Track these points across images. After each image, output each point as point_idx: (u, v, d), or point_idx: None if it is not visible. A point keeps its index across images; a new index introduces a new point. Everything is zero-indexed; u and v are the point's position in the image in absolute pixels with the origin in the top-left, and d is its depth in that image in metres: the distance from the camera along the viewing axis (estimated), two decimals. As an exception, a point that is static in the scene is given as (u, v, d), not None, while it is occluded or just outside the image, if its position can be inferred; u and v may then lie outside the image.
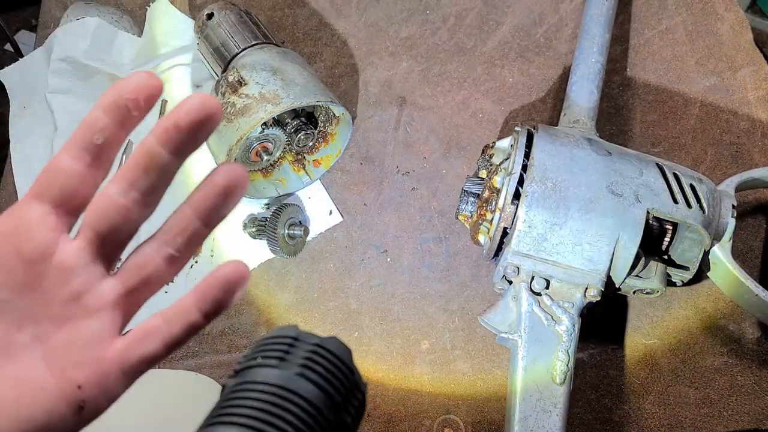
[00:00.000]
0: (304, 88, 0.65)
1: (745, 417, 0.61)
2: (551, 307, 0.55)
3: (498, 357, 0.65)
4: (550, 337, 0.54)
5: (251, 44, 0.70)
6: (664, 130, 0.75)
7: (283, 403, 0.26)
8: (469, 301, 0.68)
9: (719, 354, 0.64)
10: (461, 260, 0.70)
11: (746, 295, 0.59)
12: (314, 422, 0.26)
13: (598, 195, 0.55)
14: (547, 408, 0.52)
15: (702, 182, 0.59)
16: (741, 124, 0.75)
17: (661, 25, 0.81)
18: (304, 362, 0.28)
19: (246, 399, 0.26)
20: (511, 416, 0.52)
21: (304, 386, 0.27)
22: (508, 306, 0.56)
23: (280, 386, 0.26)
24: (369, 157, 0.76)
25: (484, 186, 0.61)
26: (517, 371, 0.53)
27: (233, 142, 0.63)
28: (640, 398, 0.63)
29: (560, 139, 0.59)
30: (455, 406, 0.64)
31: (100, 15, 0.82)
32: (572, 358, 0.53)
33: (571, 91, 0.69)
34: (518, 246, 0.56)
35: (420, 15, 0.85)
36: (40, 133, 0.79)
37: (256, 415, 0.25)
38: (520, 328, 0.55)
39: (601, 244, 0.55)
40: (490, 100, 0.79)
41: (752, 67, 0.77)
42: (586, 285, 0.55)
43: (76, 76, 0.79)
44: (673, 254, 0.60)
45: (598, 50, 0.70)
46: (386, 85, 0.81)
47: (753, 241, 0.69)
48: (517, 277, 0.56)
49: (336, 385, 0.28)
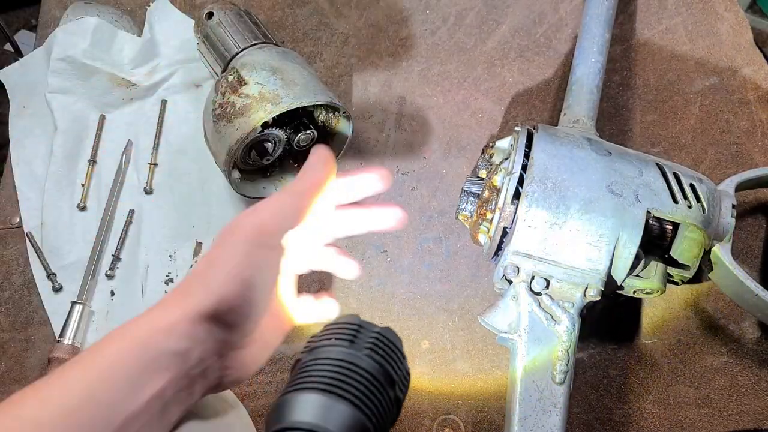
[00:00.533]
0: (303, 87, 0.65)
1: (745, 417, 0.61)
2: (551, 306, 0.55)
3: (498, 357, 0.65)
4: (550, 336, 0.54)
5: (251, 44, 0.70)
6: (664, 129, 0.75)
7: (355, 376, 0.32)
8: (469, 301, 0.68)
9: (719, 354, 0.64)
10: (461, 260, 0.70)
11: (746, 295, 0.59)
12: (378, 393, 0.33)
13: (598, 195, 0.55)
14: (547, 408, 0.52)
15: (702, 182, 0.59)
16: (741, 124, 0.75)
17: (661, 25, 0.81)
18: (370, 345, 0.34)
19: (323, 370, 0.32)
20: (511, 416, 0.52)
21: (371, 364, 0.33)
22: (508, 306, 0.56)
23: (352, 363, 0.33)
24: (369, 157, 0.76)
25: (484, 186, 0.61)
26: (517, 371, 0.53)
27: (233, 142, 0.63)
28: (640, 398, 0.63)
29: (560, 138, 0.59)
30: (455, 406, 0.64)
31: (100, 15, 0.82)
32: (572, 358, 0.53)
33: (571, 90, 0.69)
34: (518, 246, 0.56)
35: (420, 15, 0.85)
36: (40, 132, 0.79)
37: (333, 383, 0.32)
38: (519, 327, 0.55)
39: (601, 244, 0.55)
40: (490, 99, 0.79)
41: (752, 67, 0.77)
42: (586, 285, 0.55)
43: (75, 76, 0.79)
44: (673, 254, 0.60)
45: (598, 50, 0.71)
46: (386, 84, 0.81)
47: (753, 241, 0.69)
48: (517, 276, 0.56)
49: (394, 366, 0.35)
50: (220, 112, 0.64)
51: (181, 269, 0.71)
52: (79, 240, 0.73)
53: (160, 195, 0.76)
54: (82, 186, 0.76)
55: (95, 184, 0.76)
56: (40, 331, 0.69)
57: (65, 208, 0.74)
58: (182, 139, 0.78)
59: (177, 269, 0.71)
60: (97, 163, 0.77)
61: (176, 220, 0.74)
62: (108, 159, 0.77)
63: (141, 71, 0.82)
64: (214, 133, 0.65)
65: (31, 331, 0.69)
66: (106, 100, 0.80)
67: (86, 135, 0.78)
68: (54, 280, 0.70)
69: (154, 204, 0.75)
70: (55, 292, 0.70)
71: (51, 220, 0.73)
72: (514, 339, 0.55)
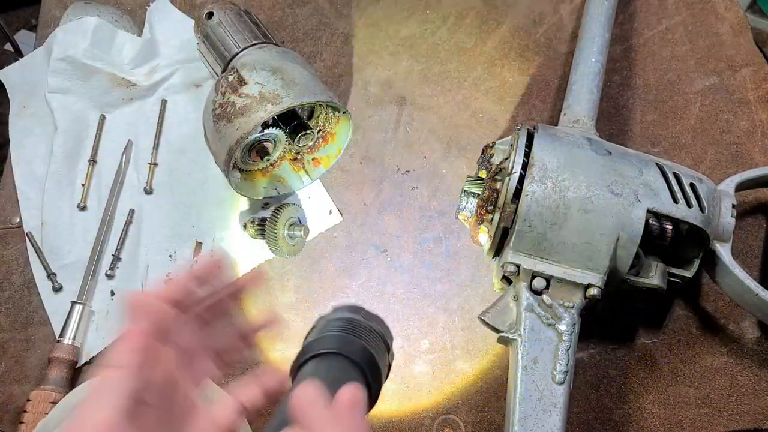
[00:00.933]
0: (304, 87, 0.65)
1: (744, 417, 0.61)
2: (551, 306, 0.55)
3: (498, 357, 0.65)
4: (550, 336, 0.54)
5: (251, 44, 0.70)
6: (664, 129, 0.75)
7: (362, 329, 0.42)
8: (469, 301, 0.68)
9: (719, 354, 0.64)
10: (461, 260, 0.70)
11: (746, 295, 0.59)
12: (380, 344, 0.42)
13: (598, 194, 0.55)
14: (547, 408, 0.52)
15: (702, 182, 0.59)
16: (741, 123, 0.75)
17: (661, 25, 0.81)
18: (368, 316, 0.44)
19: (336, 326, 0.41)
20: (511, 416, 0.52)
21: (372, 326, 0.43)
22: (508, 305, 0.56)
23: (359, 322, 0.42)
24: (369, 157, 0.76)
25: (484, 186, 0.61)
26: (517, 371, 0.53)
27: (233, 142, 0.63)
28: (640, 398, 0.63)
29: (560, 138, 0.59)
30: (455, 405, 0.64)
31: (100, 14, 0.81)
32: (572, 357, 0.53)
33: (571, 90, 0.69)
34: (518, 245, 0.56)
35: (420, 14, 0.85)
36: (40, 132, 0.79)
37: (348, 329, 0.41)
38: (520, 327, 0.55)
39: (601, 244, 0.55)
40: (490, 99, 0.79)
41: (752, 66, 0.77)
42: (587, 284, 0.55)
43: (75, 76, 0.79)
44: (673, 253, 0.60)
45: (598, 50, 0.71)
46: (386, 84, 0.81)
47: (753, 241, 0.69)
48: (517, 276, 0.56)
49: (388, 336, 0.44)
50: (220, 111, 0.64)
51: (181, 269, 0.71)
52: (80, 240, 0.73)
53: (160, 195, 0.76)
54: (82, 186, 0.76)
55: (95, 183, 0.76)
56: (40, 330, 0.69)
57: (65, 207, 0.74)
58: (182, 139, 0.78)
59: (177, 269, 0.71)
60: (97, 163, 0.77)
61: (176, 220, 0.74)
62: (108, 159, 0.77)
63: (141, 71, 0.82)
64: (214, 132, 0.65)
65: (31, 331, 0.69)
66: (106, 100, 0.80)
67: (86, 135, 0.78)
68: (54, 279, 0.70)
69: (154, 204, 0.75)
70: (55, 292, 0.70)
71: (51, 220, 0.73)
72: (515, 339, 0.55)
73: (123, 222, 0.74)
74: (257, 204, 0.74)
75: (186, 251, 0.72)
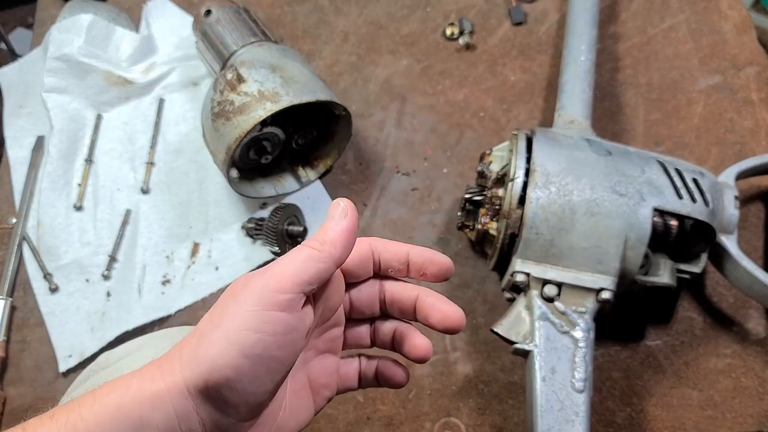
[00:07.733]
0: (303, 85, 0.64)
1: (748, 419, 0.61)
2: (565, 313, 0.54)
3: (500, 359, 0.65)
4: (566, 344, 0.53)
5: (250, 42, 0.69)
6: (668, 129, 0.74)
7: None
8: (470, 302, 0.67)
9: (723, 356, 0.63)
10: (461, 261, 0.69)
11: (755, 286, 0.58)
12: None
13: (603, 196, 0.54)
14: (569, 417, 0.50)
15: (704, 176, 0.58)
16: (745, 123, 0.74)
17: (664, 23, 0.81)
18: None
19: None
20: (533, 429, 0.50)
21: None
22: (520, 315, 0.55)
23: None
24: (369, 157, 0.76)
25: (486, 194, 0.60)
26: (536, 382, 0.51)
27: (232, 140, 0.62)
28: (643, 400, 0.62)
29: (559, 142, 0.58)
30: (456, 408, 0.63)
31: (96, 12, 0.81)
32: (590, 364, 0.52)
33: (562, 91, 0.68)
34: (526, 253, 0.55)
35: (421, 12, 0.85)
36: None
37: None
38: (535, 337, 0.53)
39: (609, 246, 0.54)
40: (491, 98, 0.78)
41: (756, 66, 0.77)
42: (599, 288, 0.54)
43: (72, 75, 0.78)
44: (680, 249, 0.59)
45: (587, 48, 0.69)
46: (386, 83, 0.80)
47: (756, 242, 0.69)
48: (528, 285, 0.55)
49: None
50: (219, 110, 0.63)
51: (179, 270, 0.71)
52: (76, 240, 0.72)
53: (158, 194, 0.75)
54: (78, 186, 0.75)
55: (92, 183, 0.75)
56: (35, 332, 0.68)
57: (61, 208, 0.73)
58: (180, 138, 0.77)
59: (174, 270, 0.71)
60: (94, 162, 0.76)
61: (173, 220, 0.73)
62: (105, 158, 0.77)
63: (138, 68, 0.81)
64: (212, 131, 0.64)
65: (26, 333, 0.68)
66: (102, 98, 0.79)
67: (83, 134, 0.78)
68: (50, 280, 0.70)
69: (151, 204, 0.74)
70: (52, 293, 0.70)
71: (47, 220, 0.72)
72: (530, 349, 0.53)
73: (119, 222, 0.73)
74: (256, 204, 0.73)
75: (183, 252, 0.71)
